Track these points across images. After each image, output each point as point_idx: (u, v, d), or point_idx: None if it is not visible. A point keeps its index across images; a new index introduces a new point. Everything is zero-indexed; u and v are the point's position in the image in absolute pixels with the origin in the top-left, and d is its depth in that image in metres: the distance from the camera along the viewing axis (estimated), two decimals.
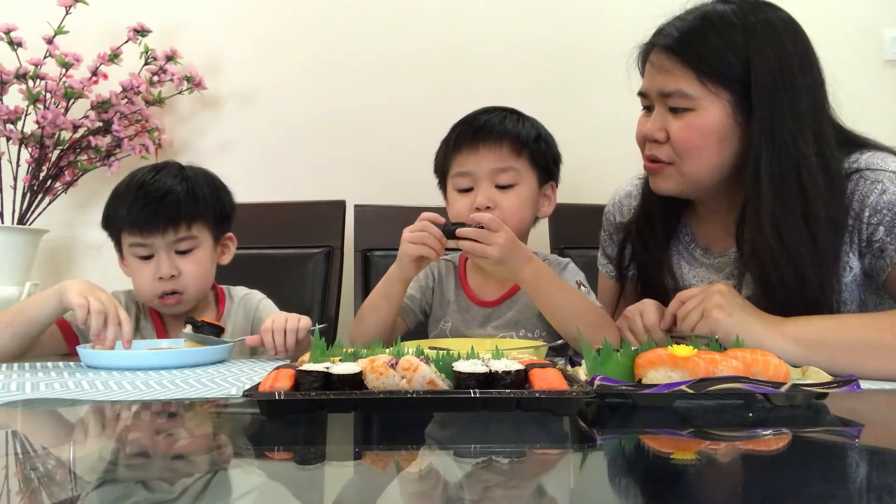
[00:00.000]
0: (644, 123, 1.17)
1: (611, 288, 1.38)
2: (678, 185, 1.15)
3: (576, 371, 0.81)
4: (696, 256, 1.26)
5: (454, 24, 2.09)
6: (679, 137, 1.10)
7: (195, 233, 1.32)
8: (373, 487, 0.51)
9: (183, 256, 1.31)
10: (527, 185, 1.30)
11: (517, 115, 1.33)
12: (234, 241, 1.43)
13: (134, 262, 1.32)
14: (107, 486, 0.51)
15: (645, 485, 0.52)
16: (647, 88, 1.16)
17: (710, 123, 1.08)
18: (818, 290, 1.05)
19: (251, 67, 2.09)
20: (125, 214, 1.29)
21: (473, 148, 1.28)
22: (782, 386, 0.70)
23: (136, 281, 1.33)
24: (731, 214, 1.17)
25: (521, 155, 1.29)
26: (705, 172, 1.12)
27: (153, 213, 1.28)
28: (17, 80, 1.84)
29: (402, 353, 0.73)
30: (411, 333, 1.39)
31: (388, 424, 0.70)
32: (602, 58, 2.08)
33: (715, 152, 1.10)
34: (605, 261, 1.41)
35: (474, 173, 1.28)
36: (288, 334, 1.18)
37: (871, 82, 2.03)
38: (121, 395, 0.82)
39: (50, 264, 2.05)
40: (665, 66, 1.11)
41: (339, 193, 1.90)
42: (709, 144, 1.09)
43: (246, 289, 1.47)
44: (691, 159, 1.10)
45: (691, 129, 1.09)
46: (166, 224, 1.28)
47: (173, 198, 1.29)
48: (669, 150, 1.12)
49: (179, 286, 1.31)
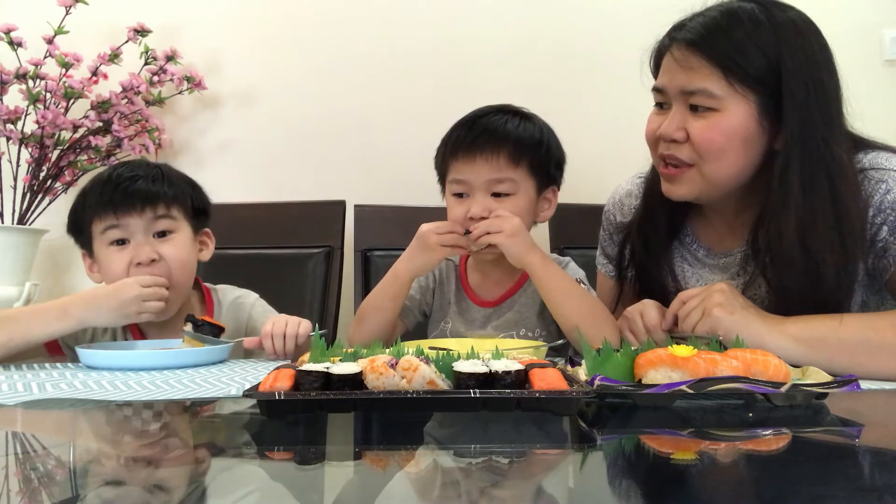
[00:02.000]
0: (655, 121, 1.12)
1: (610, 288, 1.38)
2: (697, 189, 1.10)
3: (576, 371, 0.81)
4: (698, 257, 1.25)
5: (454, 23, 2.09)
6: (702, 138, 1.05)
7: (174, 214, 1.24)
8: (373, 487, 0.51)
9: (162, 240, 1.23)
10: (524, 195, 1.27)
11: (520, 115, 1.30)
12: (213, 239, 1.36)
13: (106, 252, 1.22)
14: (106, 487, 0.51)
15: (645, 485, 0.52)
16: (666, 85, 1.09)
17: (734, 125, 1.04)
18: (835, 295, 1.03)
19: (251, 67, 2.09)
20: (97, 198, 1.21)
21: (470, 157, 1.25)
22: (782, 386, 0.70)
23: (110, 273, 1.21)
24: (738, 216, 1.17)
25: (519, 164, 1.26)
26: (727, 176, 1.07)
27: (127, 191, 1.20)
28: (17, 80, 1.85)
29: (402, 353, 0.73)
30: (410, 334, 1.39)
31: (388, 424, 0.70)
32: (603, 57, 2.09)
33: (739, 156, 1.05)
34: (604, 260, 1.40)
35: (470, 182, 1.26)
36: (287, 340, 1.16)
37: (871, 82, 2.03)
38: (121, 395, 0.82)
39: (50, 264, 2.05)
40: (689, 62, 1.05)
41: (339, 193, 1.90)
42: (733, 147, 1.04)
43: (235, 289, 1.40)
44: (715, 161, 1.05)
45: (715, 129, 1.04)
46: (143, 202, 1.20)
47: (148, 178, 1.23)
48: (690, 151, 1.07)
49: (161, 272, 1.20)
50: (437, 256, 1.23)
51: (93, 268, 1.29)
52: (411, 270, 1.24)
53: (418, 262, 1.23)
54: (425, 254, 1.22)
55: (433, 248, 1.21)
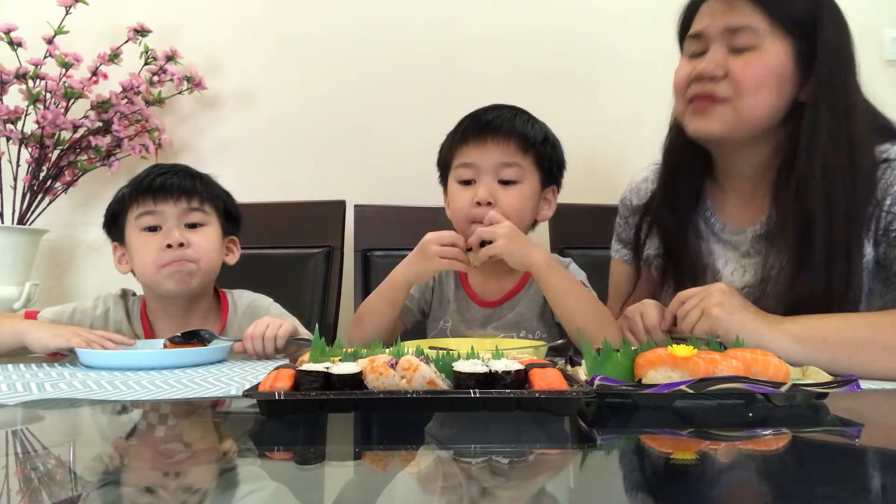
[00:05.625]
0: (687, 67, 1.15)
1: (623, 273, 1.38)
2: (727, 126, 1.12)
3: (576, 371, 0.81)
4: (714, 231, 1.26)
5: (454, 24, 2.09)
6: (741, 73, 1.10)
7: (207, 209, 1.32)
8: (373, 487, 0.51)
9: (192, 231, 1.30)
10: (529, 184, 1.30)
11: (526, 115, 1.33)
12: (239, 248, 1.42)
13: (138, 237, 1.28)
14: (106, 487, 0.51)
15: (645, 485, 0.52)
16: (707, 26, 1.13)
17: (773, 63, 1.09)
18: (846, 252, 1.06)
19: (251, 67, 2.09)
20: (136, 188, 1.29)
21: (481, 140, 1.27)
22: (782, 386, 0.70)
23: (139, 257, 1.28)
24: (757, 185, 1.19)
25: (527, 154, 1.28)
26: (759, 115, 1.11)
27: (166, 182, 1.28)
28: (17, 80, 1.85)
29: (401, 353, 0.73)
30: (409, 333, 1.39)
31: (388, 424, 0.70)
32: (603, 58, 2.09)
33: (774, 93, 1.10)
34: (619, 246, 1.41)
35: (478, 165, 1.28)
36: (266, 342, 1.17)
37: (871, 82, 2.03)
38: (121, 395, 0.82)
39: (50, 264, 2.05)
40: (733, 2, 1.11)
41: (339, 193, 1.91)
42: (769, 85, 1.10)
43: (252, 293, 1.43)
44: (751, 97, 1.10)
45: (755, 65, 1.09)
46: (179, 192, 1.28)
47: (187, 175, 1.31)
48: (727, 87, 1.11)
49: (187, 257, 1.27)
50: (434, 266, 1.22)
51: (122, 259, 1.34)
52: (408, 277, 1.25)
53: (415, 270, 1.24)
54: (423, 262, 1.22)
55: (431, 257, 1.21)
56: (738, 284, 1.19)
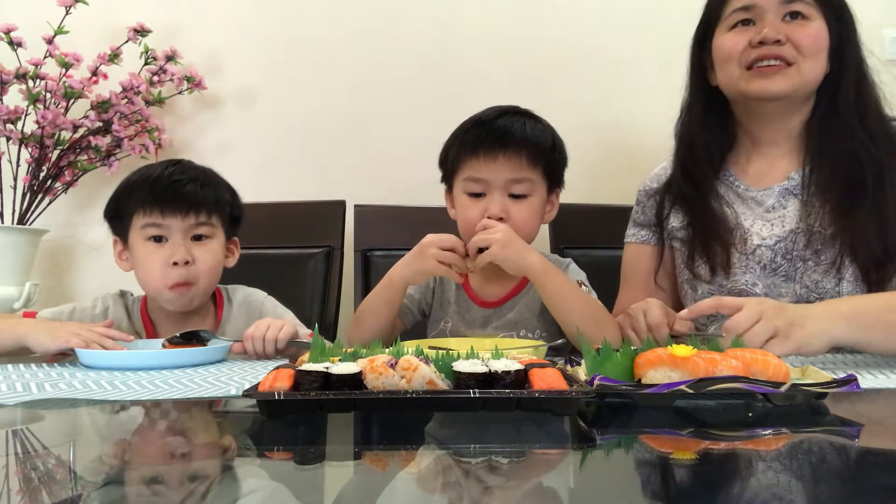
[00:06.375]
0: (737, 37, 1.23)
1: (640, 256, 1.40)
2: (792, 85, 1.21)
3: (575, 371, 0.81)
4: (738, 192, 1.30)
5: (454, 24, 2.09)
6: (804, 39, 1.20)
7: (213, 221, 1.30)
8: (373, 487, 0.51)
9: (197, 244, 1.29)
10: (538, 196, 1.30)
11: (534, 119, 1.32)
12: (239, 248, 1.41)
13: (144, 246, 1.27)
14: (106, 487, 0.51)
15: (645, 485, 0.52)
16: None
17: (822, 33, 1.21)
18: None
19: (251, 67, 2.09)
20: (145, 195, 1.26)
21: (492, 156, 1.26)
22: (782, 386, 0.70)
23: (144, 268, 1.28)
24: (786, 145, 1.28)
25: (537, 166, 1.28)
26: (815, 77, 1.22)
27: (177, 194, 1.26)
28: (17, 80, 1.85)
29: (401, 353, 0.73)
30: (409, 333, 1.39)
31: (388, 424, 0.70)
32: (603, 57, 2.09)
33: (823, 60, 1.22)
34: (635, 230, 1.42)
35: (489, 181, 1.27)
36: (266, 343, 1.16)
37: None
38: (121, 395, 0.82)
39: (50, 264, 2.05)
40: None
41: (339, 193, 1.90)
42: (822, 50, 1.22)
43: (246, 288, 1.43)
44: (813, 59, 1.21)
45: (813, 33, 1.20)
46: (188, 207, 1.26)
47: (198, 183, 1.29)
48: (793, 50, 1.20)
49: (192, 276, 1.27)
50: (431, 268, 1.21)
51: (122, 255, 1.33)
52: (404, 278, 1.24)
53: (411, 271, 1.23)
54: (419, 263, 1.22)
55: (428, 260, 1.20)
56: (766, 236, 1.23)
